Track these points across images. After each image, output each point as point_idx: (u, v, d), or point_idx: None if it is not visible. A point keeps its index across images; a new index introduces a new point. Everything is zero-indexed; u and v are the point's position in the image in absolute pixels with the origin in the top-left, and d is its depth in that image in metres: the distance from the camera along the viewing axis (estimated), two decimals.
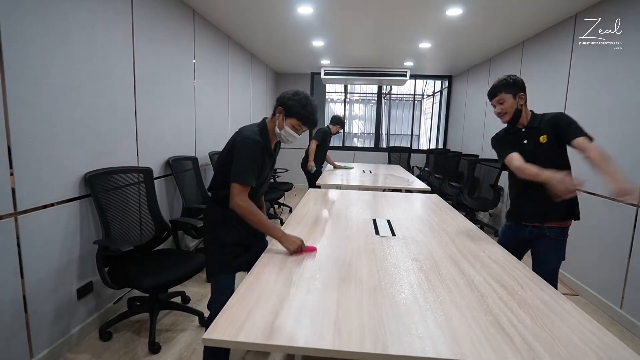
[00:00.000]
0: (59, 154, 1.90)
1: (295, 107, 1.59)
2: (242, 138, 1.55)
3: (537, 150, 1.83)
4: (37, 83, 1.75)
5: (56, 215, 1.90)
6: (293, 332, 0.97)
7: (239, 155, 1.54)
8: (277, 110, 1.63)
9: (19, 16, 1.65)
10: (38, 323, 1.82)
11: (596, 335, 1.02)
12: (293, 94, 1.62)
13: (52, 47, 1.83)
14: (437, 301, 1.17)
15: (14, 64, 1.63)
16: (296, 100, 1.60)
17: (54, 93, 1.85)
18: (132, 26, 2.45)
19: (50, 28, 1.81)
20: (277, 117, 1.63)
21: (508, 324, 1.05)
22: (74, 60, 1.97)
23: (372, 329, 0.99)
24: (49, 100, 1.82)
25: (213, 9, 3.35)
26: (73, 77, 1.97)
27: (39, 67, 1.76)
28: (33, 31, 1.72)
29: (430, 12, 3.24)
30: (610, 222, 2.65)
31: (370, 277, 1.34)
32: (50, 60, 1.82)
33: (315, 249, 1.60)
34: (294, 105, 1.59)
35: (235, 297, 1.16)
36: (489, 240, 1.87)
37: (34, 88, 1.74)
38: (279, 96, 1.66)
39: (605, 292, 2.68)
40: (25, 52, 1.68)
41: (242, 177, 1.52)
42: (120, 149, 2.39)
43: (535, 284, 1.34)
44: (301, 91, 1.64)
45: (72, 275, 2.03)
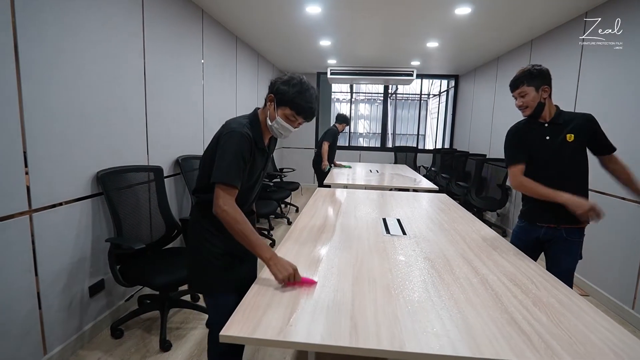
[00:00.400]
0: (72, 153, 1.92)
1: (289, 93, 1.33)
2: (228, 131, 1.31)
3: (563, 149, 1.75)
4: (51, 83, 1.77)
5: (69, 213, 1.92)
6: (310, 330, 0.97)
7: (223, 150, 1.29)
8: (267, 98, 1.37)
9: (36, 17, 1.67)
10: (52, 320, 1.84)
11: (613, 333, 1.02)
12: (287, 79, 1.35)
13: (66, 47, 1.85)
14: (452, 299, 1.17)
15: (29, 64, 1.65)
16: (290, 86, 1.33)
17: (67, 92, 1.87)
18: (143, 26, 2.47)
19: (64, 28, 1.83)
20: (267, 107, 1.38)
21: (524, 323, 1.04)
22: (87, 60, 1.99)
23: (387, 327, 0.99)
24: (62, 99, 1.84)
25: (221, 9, 3.36)
26: (85, 77, 1.99)
27: (53, 66, 1.78)
28: (48, 31, 1.74)
29: (439, 11, 3.23)
30: (622, 222, 2.62)
31: (383, 276, 1.34)
32: (63, 60, 1.84)
33: (313, 283, 1.25)
34: (287, 92, 1.33)
35: (250, 295, 1.16)
36: (501, 239, 1.86)
37: (48, 87, 1.76)
38: (271, 82, 1.39)
39: (617, 293, 2.65)
40: (40, 52, 1.70)
41: (226, 176, 1.26)
42: (131, 147, 2.41)
43: (550, 283, 1.33)
44: (297, 75, 1.38)
45: (84, 273, 2.05)
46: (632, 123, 2.57)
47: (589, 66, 3.05)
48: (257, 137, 1.37)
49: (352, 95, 7.92)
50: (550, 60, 3.66)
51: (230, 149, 1.28)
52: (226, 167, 1.27)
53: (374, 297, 1.17)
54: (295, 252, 1.56)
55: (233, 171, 1.27)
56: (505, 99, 4.74)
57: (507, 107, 4.63)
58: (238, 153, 1.29)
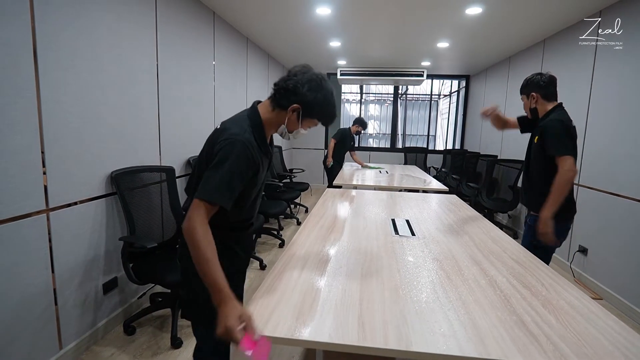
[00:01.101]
0: (87, 153, 1.97)
1: (319, 104, 1.18)
2: (227, 138, 1.11)
3: (531, 150, 2.09)
4: (68, 84, 1.82)
5: (84, 212, 1.97)
6: (318, 328, 0.98)
7: (219, 162, 1.08)
8: (291, 107, 1.18)
9: (53, 20, 1.72)
10: (67, 316, 1.89)
11: (624, 336, 1.01)
12: (315, 84, 1.16)
13: (82, 50, 1.90)
14: (460, 300, 1.17)
15: (47, 67, 1.70)
16: (321, 96, 1.17)
17: (82, 94, 1.92)
18: (156, 28, 2.52)
19: (80, 32, 1.88)
20: (288, 115, 1.20)
21: (533, 324, 1.04)
22: (102, 63, 2.04)
23: (395, 326, 1.00)
24: (78, 101, 1.89)
25: (232, 11, 3.41)
26: (99, 79, 2.04)
27: (70, 69, 1.83)
28: (65, 35, 1.79)
29: (450, 11, 3.21)
30: (635, 224, 2.57)
31: (391, 276, 1.35)
32: (79, 63, 1.89)
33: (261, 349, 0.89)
34: (318, 103, 1.17)
35: (260, 293, 1.18)
36: (511, 241, 1.85)
37: (65, 89, 1.81)
38: (289, 84, 1.16)
39: (630, 296, 2.60)
40: (58, 55, 1.76)
41: (215, 194, 1.05)
42: (144, 148, 2.46)
43: (560, 285, 1.32)
44: (321, 78, 1.19)
45: (98, 270, 2.10)
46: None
47: (602, 66, 3.00)
48: (260, 141, 1.20)
49: (362, 96, 7.90)
50: (563, 60, 3.61)
51: (228, 163, 1.07)
52: (217, 184, 1.06)
53: (381, 297, 1.17)
54: (304, 252, 1.57)
55: (225, 190, 1.07)
56: (516, 99, 4.68)
57: (519, 107, 4.57)
58: (235, 169, 1.08)
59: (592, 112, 3.11)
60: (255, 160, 1.15)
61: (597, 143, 3.04)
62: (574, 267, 3.27)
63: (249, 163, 1.12)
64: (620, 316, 2.61)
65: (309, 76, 1.18)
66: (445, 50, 4.80)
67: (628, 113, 2.69)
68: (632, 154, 2.61)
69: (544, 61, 3.99)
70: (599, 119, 3.03)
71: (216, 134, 1.17)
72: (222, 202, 1.07)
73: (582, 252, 3.15)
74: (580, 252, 3.18)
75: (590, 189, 3.08)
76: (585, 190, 3.16)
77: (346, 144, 5.14)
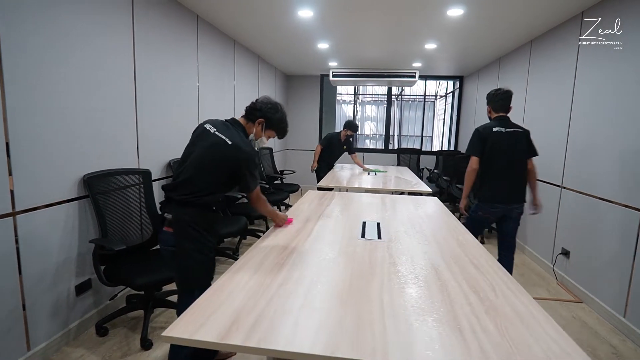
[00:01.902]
0: (57, 156, 1.99)
1: (277, 121, 1.77)
2: (248, 155, 1.64)
3: None
4: (36, 89, 1.84)
5: (54, 215, 1.99)
6: (250, 332, 0.99)
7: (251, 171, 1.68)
8: (258, 121, 1.75)
9: (20, 27, 1.74)
10: (36, 317, 1.91)
11: (559, 344, 1.00)
12: (274, 107, 1.76)
13: (52, 56, 1.92)
14: (402, 305, 1.17)
15: (13, 70, 1.72)
16: (280, 115, 1.78)
17: (52, 99, 1.94)
18: (133, 32, 2.54)
19: (50, 37, 1.90)
20: (255, 126, 1.76)
21: (469, 331, 1.03)
22: (74, 67, 2.06)
23: (327, 332, 1.00)
24: (48, 105, 1.91)
25: (216, 14, 3.42)
26: (72, 83, 2.06)
27: (38, 74, 1.85)
28: (33, 41, 1.81)
29: (430, 12, 3.21)
30: (613, 228, 2.56)
31: (341, 280, 1.35)
32: (49, 68, 1.91)
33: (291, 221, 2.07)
34: (277, 120, 1.77)
35: (205, 296, 1.19)
36: (477, 245, 1.84)
37: (34, 94, 1.83)
38: (257, 106, 1.76)
39: (609, 300, 2.58)
40: (24, 59, 1.77)
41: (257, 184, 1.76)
42: (121, 151, 2.48)
43: (511, 291, 1.32)
44: (279, 105, 1.81)
45: (70, 272, 2.12)
46: (627, 121, 2.50)
47: (585, 65, 2.98)
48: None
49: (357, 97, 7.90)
50: (549, 60, 3.59)
51: (255, 169, 1.72)
52: (256, 180, 1.73)
53: (323, 303, 1.17)
54: (267, 251, 1.58)
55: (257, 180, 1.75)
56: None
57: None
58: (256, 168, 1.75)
59: (574, 114, 3.10)
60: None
61: (578, 145, 3.02)
62: (557, 270, 3.25)
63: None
64: (599, 320, 2.59)
65: (270, 102, 1.78)
66: (434, 52, 4.79)
67: (608, 115, 2.67)
68: (613, 156, 2.60)
69: (531, 62, 3.97)
70: (580, 120, 3.01)
71: (229, 149, 1.59)
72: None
73: (565, 255, 3.13)
74: (562, 254, 3.16)
75: (572, 191, 3.06)
76: (567, 193, 3.14)
77: (334, 149, 5.07)
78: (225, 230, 3.10)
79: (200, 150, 1.60)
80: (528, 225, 3.89)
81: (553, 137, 3.40)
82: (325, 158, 5.08)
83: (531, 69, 3.96)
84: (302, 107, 7.32)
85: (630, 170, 2.42)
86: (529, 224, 3.86)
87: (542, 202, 3.53)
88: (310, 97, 7.27)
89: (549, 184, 3.46)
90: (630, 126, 2.45)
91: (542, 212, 3.46)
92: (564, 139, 3.22)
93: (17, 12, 1.73)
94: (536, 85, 3.84)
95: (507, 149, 2.57)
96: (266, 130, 1.78)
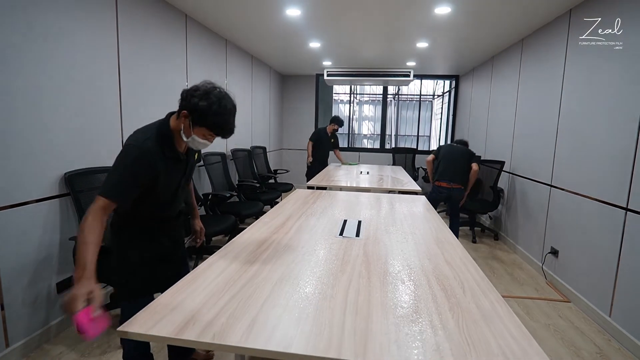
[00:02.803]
0: (37, 154, 1.99)
1: (206, 113, 1.26)
2: (125, 146, 1.30)
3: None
4: (15, 88, 1.84)
5: (34, 212, 1.99)
6: (206, 327, 0.98)
7: (115, 165, 1.27)
8: (182, 113, 1.30)
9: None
10: (14, 314, 1.91)
11: (517, 341, 0.99)
12: (202, 94, 1.26)
13: (32, 54, 1.92)
14: (367, 302, 1.16)
15: None
16: (207, 104, 1.26)
17: (32, 97, 1.94)
18: (117, 32, 2.54)
19: (30, 36, 1.90)
20: (182, 120, 1.31)
21: (428, 328, 1.03)
22: (55, 66, 2.06)
23: (284, 327, 1.00)
24: (27, 104, 1.91)
25: (205, 13, 3.42)
26: (53, 82, 2.06)
27: (17, 73, 1.85)
28: (12, 39, 1.81)
29: (417, 11, 3.20)
30: (600, 227, 2.54)
31: (310, 277, 1.34)
32: (29, 67, 1.91)
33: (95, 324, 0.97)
34: (204, 112, 1.26)
35: (168, 293, 1.19)
36: (456, 243, 1.83)
37: (12, 92, 1.83)
38: (183, 92, 1.31)
39: (595, 299, 2.57)
40: (3, 59, 1.77)
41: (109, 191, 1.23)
42: (106, 149, 2.48)
43: (480, 288, 1.31)
44: (213, 89, 1.29)
45: (51, 269, 2.12)
46: (613, 122, 2.48)
47: (573, 63, 2.97)
48: (166, 147, 1.35)
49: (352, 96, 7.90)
50: (539, 59, 3.57)
51: (121, 165, 1.27)
52: (113, 182, 1.25)
53: (288, 298, 1.17)
54: (242, 247, 1.58)
55: (118, 187, 1.25)
56: (499, 99, 4.64)
57: (501, 107, 4.54)
58: (128, 169, 1.26)
59: (563, 113, 3.08)
60: (151, 166, 1.30)
61: (567, 144, 3.00)
62: (546, 269, 3.23)
63: (141, 169, 1.28)
64: (585, 319, 2.57)
65: (203, 88, 1.29)
66: (426, 51, 4.78)
67: (597, 114, 2.65)
68: (601, 155, 2.58)
69: (522, 61, 3.95)
70: (569, 119, 3.00)
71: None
72: (116, 199, 1.24)
73: (554, 254, 3.12)
74: (551, 253, 3.15)
75: (561, 190, 3.04)
76: (556, 191, 3.12)
77: (323, 144, 5.34)
78: (214, 228, 3.10)
79: None
80: (519, 225, 3.87)
81: (543, 135, 3.38)
82: (316, 155, 5.28)
83: (523, 67, 3.94)
84: (298, 107, 7.31)
85: (616, 169, 2.41)
86: (520, 223, 3.84)
87: (533, 200, 3.52)
88: (306, 96, 7.27)
89: (538, 183, 3.45)
90: (618, 125, 2.43)
91: (532, 211, 3.45)
92: (553, 137, 3.20)
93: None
94: (527, 84, 3.82)
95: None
96: (195, 127, 1.29)
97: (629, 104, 2.32)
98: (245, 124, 5.21)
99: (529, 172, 3.67)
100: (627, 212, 2.28)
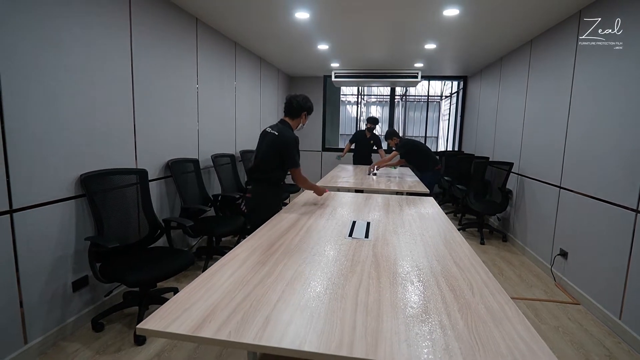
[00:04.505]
0: (54, 156, 2.05)
1: (310, 108, 2.66)
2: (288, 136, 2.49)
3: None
4: (31, 91, 1.90)
5: (51, 212, 2.05)
6: (222, 326, 1.02)
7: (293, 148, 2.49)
8: (302, 114, 2.62)
9: (11, 32, 1.80)
10: (33, 312, 1.97)
11: (525, 341, 1.01)
12: (307, 100, 2.61)
13: (46, 58, 1.98)
14: (376, 301, 1.19)
15: (8, 76, 1.78)
16: (309, 104, 2.65)
17: (48, 100, 2.00)
18: (131, 36, 2.60)
19: (43, 40, 1.96)
20: (302, 119, 2.63)
21: (437, 329, 1.05)
22: (71, 69, 2.12)
23: (297, 326, 1.02)
24: (43, 107, 1.97)
25: (215, 17, 3.47)
26: (69, 85, 2.12)
27: (33, 77, 1.90)
28: (26, 44, 1.86)
29: (425, 13, 3.21)
30: (610, 228, 2.53)
31: (321, 277, 1.37)
32: (44, 70, 1.97)
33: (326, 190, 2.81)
34: (309, 108, 2.64)
35: (183, 292, 1.22)
36: (463, 243, 1.84)
37: (29, 96, 1.88)
38: (297, 103, 2.56)
39: (605, 301, 2.55)
40: (19, 64, 1.83)
41: (298, 162, 2.54)
42: (119, 151, 2.54)
43: (489, 289, 1.32)
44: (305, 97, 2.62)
45: (67, 269, 2.18)
46: (623, 123, 2.47)
47: (583, 64, 2.95)
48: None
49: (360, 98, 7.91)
50: (548, 60, 3.56)
51: (296, 148, 2.54)
52: (297, 158, 2.53)
53: (300, 298, 1.20)
54: (254, 247, 1.61)
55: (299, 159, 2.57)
56: (507, 100, 4.63)
57: (509, 107, 4.52)
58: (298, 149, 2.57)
59: (572, 114, 3.07)
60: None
61: (576, 145, 2.99)
62: (555, 271, 3.21)
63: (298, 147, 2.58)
64: (594, 321, 2.56)
65: (301, 96, 2.61)
66: (434, 52, 4.78)
67: (606, 115, 2.64)
68: (611, 156, 2.57)
69: (531, 61, 3.93)
70: (578, 120, 2.98)
71: (277, 138, 2.49)
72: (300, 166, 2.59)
73: (563, 256, 3.10)
74: (560, 255, 3.13)
75: (571, 192, 3.03)
76: (566, 193, 3.11)
77: (360, 146, 5.93)
78: (224, 229, 3.14)
79: (264, 145, 2.53)
80: (528, 226, 3.85)
81: (552, 136, 3.37)
82: (355, 154, 6.04)
83: (532, 68, 3.92)
84: None
85: (627, 171, 2.39)
86: (529, 225, 3.83)
87: (542, 201, 3.51)
88: (313, 98, 7.18)
89: (547, 184, 3.43)
90: (628, 126, 2.42)
91: (541, 212, 3.43)
92: (562, 138, 3.19)
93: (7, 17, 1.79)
94: (536, 85, 3.81)
95: None
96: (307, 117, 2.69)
97: (639, 106, 2.31)
98: (254, 125, 5.26)
99: (538, 174, 3.65)
100: (638, 214, 2.27)
